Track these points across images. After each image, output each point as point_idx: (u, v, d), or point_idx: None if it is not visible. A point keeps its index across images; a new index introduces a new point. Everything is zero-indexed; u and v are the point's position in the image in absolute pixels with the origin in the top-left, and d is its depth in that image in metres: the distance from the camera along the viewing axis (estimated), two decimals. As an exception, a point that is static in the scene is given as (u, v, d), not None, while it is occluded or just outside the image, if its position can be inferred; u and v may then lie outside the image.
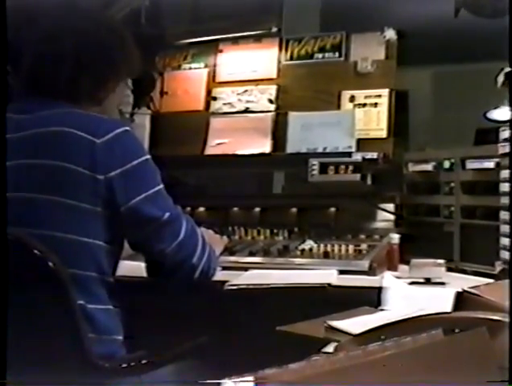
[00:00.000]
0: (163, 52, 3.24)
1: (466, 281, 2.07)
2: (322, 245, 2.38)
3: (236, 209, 2.87)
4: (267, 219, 2.81)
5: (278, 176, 3.29)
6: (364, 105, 2.89)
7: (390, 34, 2.94)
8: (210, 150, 3.00)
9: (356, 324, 1.55)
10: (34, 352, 1.51)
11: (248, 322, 2.07)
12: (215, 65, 3.18)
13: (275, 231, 2.62)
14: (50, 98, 1.72)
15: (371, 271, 2.18)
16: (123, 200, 1.65)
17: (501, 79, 2.31)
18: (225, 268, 2.16)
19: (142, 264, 1.86)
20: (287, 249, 2.40)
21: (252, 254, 2.37)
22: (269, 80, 3.07)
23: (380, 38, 2.95)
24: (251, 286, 2.05)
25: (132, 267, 1.97)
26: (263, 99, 3.03)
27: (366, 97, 2.90)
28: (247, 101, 3.05)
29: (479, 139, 3.39)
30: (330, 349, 1.42)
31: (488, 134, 2.48)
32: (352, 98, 2.91)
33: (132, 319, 1.77)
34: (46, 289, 1.53)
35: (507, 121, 2.19)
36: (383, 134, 2.84)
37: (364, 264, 2.20)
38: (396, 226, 2.68)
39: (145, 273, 1.87)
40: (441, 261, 2.13)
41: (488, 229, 2.24)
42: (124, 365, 1.63)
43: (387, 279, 2.02)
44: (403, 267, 2.27)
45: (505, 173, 2.15)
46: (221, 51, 3.19)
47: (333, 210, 2.75)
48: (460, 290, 1.81)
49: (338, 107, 2.93)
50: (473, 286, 1.85)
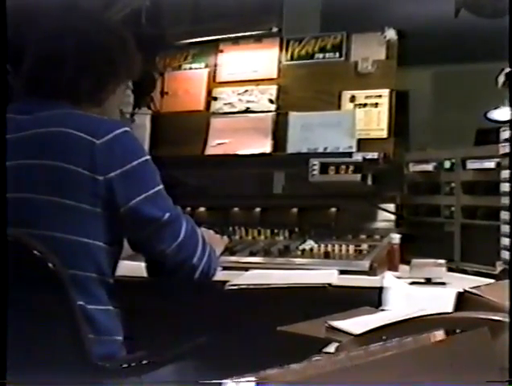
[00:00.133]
0: (164, 52, 3.24)
1: (467, 281, 2.07)
2: (323, 245, 2.38)
3: (236, 209, 2.87)
4: (268, 219, 2.81)
5: (278, 176, 3.29)
6: (364, 105, 2.88)
7: (391, 34, 2.93)
8: (210, 150, 3.00)
9: (357, 324, 1.55)
10: (34, 353, 1.51)
11: (249, 322, 2.07)
12: (215, 65, 3.17)
13: (276, 231, 2.62)
14: (50, 99, 1.72)
15: (372, 271, 2.18)
16: (123, 201, 1.65)
17: (501, 79, 2.31)
18: (226, 268, 2.16)
19: (143, 264, 1.86)
20: (288, 249, 2.40)
21: (252, 254, 2.37)
22: (269, 80, 3.07)
23: (380, 38, 2.95)
24: (252, 286, 2.05)
25: (132, 267, 1.97)
26: (264, 99, 3.02)
27: (367, 97, 2.89)
28: (248, 101, 3.04)
29: (480, 139, 3.39)
30: (331, 349, 1.41)
31: (488, 134, 2.48)
32: (352, 98, 2.91)
33: (132, 319, 1.77)
34: (46, 290, 1.53)
35: (508, 121, 2.18)
36: (384, 134, 2.83)
37: (364, 264, 2.20)
38: (397, 226, 2.67)
39: (145, 273, 1.87)
40: (442, 261, 2.13)
41: (488, 229, 2.24)
42: (124, 365, 1.63)
43: (388, 279, 2.02)
44: (404, 267, 2.27)
45: (505, 173, 2.14)
46: (222, 51, 3.18)
47: (334, 210, 2.75)
48: (461, 290, 1.81)
49: (339, 107, 2.93)
50: (474, 286, 1.85)
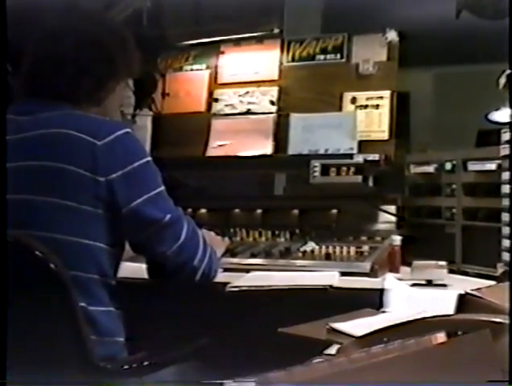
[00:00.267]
0: (165, 53, 3.24)
1: (468, 283, 2.07)
2: (324, 247, 2.38)
3: (237, 211, 2.87)
4: (269, 220, 2.81)
5: (279, 178, 3.29)
6: (365, 107, 2.88)
7: (392, 35, 2.93)
8: (211, 152, 3.00)
9: (358, 326, 1.55)
10: (35, 354, 1.51)
11: (250, 324, 2.07)
12: (216, 66, 3.18)
13: (277, 232, 2.62)
14: (50, 99, 1.72)
15: (373, 273, 2.18)
16: (124, 202, 1.65)
17: (502, 80, 2.30)
18: (227, 269, 2.16)
19: (144, 265, 1.86)
20: (289, 251, 2.40)
21: (253, 256, 2.37)
22: (270, 82, 3.07)
23: (382, 39, 2.95)
24: (253, 288, 2.05)
25: (133, 269, 1.97)
26: (265, 100, 3.02)
27: (368, 99, 2.89)
28: (249, 103, 3.04)
29: (481, 141, 3.39)
30: (332, 351, 1.42)
31: (489, 136, 2.47)
32: (353, 100, 2.91)
33: (134, 321, 1.77)
34: (47, 291, 1.53)
35: (509, 123, 2.18)
36: (385, 136, 2.83)
37: (365, 265, 2.20)
38: (398, 228, 2.67)
39: (146, 275, 1.87)
40: (443, 263, 2.13)
41: (489, 231, 2.24)
42: (126, 367, 1.63)
43: (389, 281, 2.02)
44: (405, 269, 2.27)
45: (506, 175, 2.14)
46: (223, 53, 3.18)
47: (335, 211, 2.74)
48: (463, 292, 1.81)
49: (340, 108, 2.92)
50: (475, 288, 1.85)
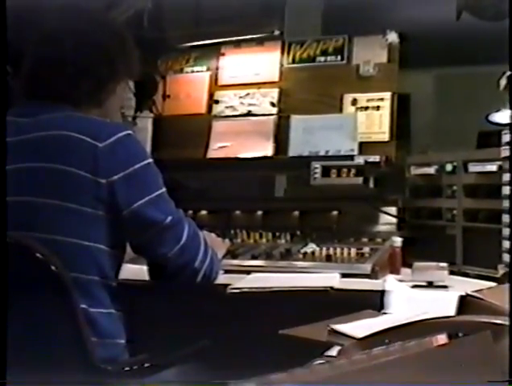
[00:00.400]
0: (166, 55, 3.24)
1: (469, 285, 2.07)
2: (324, 248, 2.38)
3: (238, 212, 2.87)
4: (269, 222, 2.81)
5: (280, 179, 3.29)
6: (366, 108, 2.88)
7: (392, 37, 2.93)
8: (212, 154, 3.00)
9: (359, 328, 1.55)
10: (36, 356, 1.51)
11: (250, 326, 2.07)
12: (217, 68, 3.18)
13: (277, 234, 2.62)
14: (51, 101, 1.72)
15: (373, 274, 2.17)
16: (125, 204, 1.65)
17: (503, 82, 2.30)
18: (228, 271, 2.17)
19: (145, 267, 1.86)
20: (290, 253, 2.40)
21: (254, 257, 2.37)
22: (271, 84, 3.06)
23: (382, 41, 2.95)
24: (254, 290, 2.05)
25: (134, 270, 1.97)
26: (265, 102, 3.02)
27: (368, 100, 2.89)
28: (249, 104, 3.04)
29: (481, 142, 3.40)
30: (333, 353, 1.41)
31: (490, 137, 2.48)
32: (354, 101, 2.91)
33: (135, 322, 1.77)
34: (48, 293, 1.53)
35: (509, 124, 2.18)
36: (385, 137, 2.83)
37: (366, 267, 2.20)
38: (398, 229, 2.67)
39: (147, 277, 1.87)
40: (444, 265, 2.13)
41: (490, 232, 2.24)
42: (127, 369, 1.63)
43: (390, 282, 2.02)
44: (406, 270, 2.27)
45: (507, 176, 2.14)
46: (224, 55, 3.18)
47: (335, 213, 2.74)
48: (463, 294, 1.81)
49: (340, 110, 2.92)
50: (476, 290, 1.85)
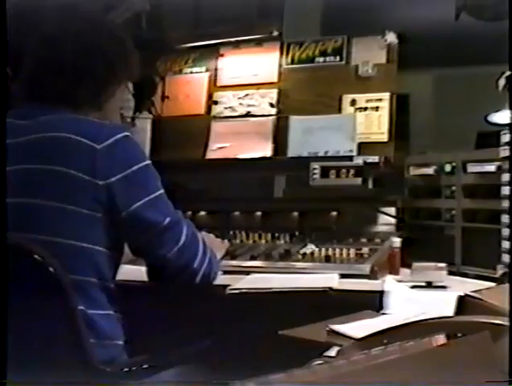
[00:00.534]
0: (165, 56, 3.24)
1: (468, 285, 2.07)
2: (323, 249, 2.38)
3: (237, 213, 2.87)
4: (269, 223, 2.81)
5: (279, 180, 3.28)
6: (365, 109, 2.88)
7: (391, 37, 2.93)
8: (211, 154, 3.00)
9: (358, 328, 1.54)
10: (34, 358, 1.51)
11: (250, 326, 2.06)
12: (216, 69, 3.18)
13: (277, 235, 2.62)
14: (50, 103, 1.72)
15: (373, 275, 2.17)
16: (124, 206, 1.65)
17: (502, 82, 2.30)
18: (227, 272, 2.17)
19: (143, 268, 1.86)
20: (289, 253, 2.39)
21: (253, 258, 2.37)
22: (270, 84, 3.06)
23: (381, 41, 2.95)
24: (253, 290, 2.05)
25: (133, 271, 1.97)
26: (264, 103, 3.02)
27: (367, 101, 2.89)
28: (248, 105, 3.04)
29: (480, 142, 3.40)
30: (332, 353, 1.42)
31: (489, 138, 2.47)
32: (353, 102, 2.91)
33: (133, 324, 1.76)
34: (46, 295, 1.53)
35: (508, 125, 2.18)
36: (384, 138, 2.83)
37: (365, 267, 2.20)
38: (397, 229, 2.67)
39: (146, 278, 1.87)
40: (443, 265, 2.13)
41: (489, 233, 2.24)
42: (125, 370, 1.63)
43: (389, 283, 2.02)
44: (405, 271, 2.27)
45: (506, 176, 2.14)
46: (222, 55, 3.18)
47: (335, 214, 2.74)
48: (462, 294, 1.81)
49: (339, 111, 2.92)
50: (475, 290, 1.85)
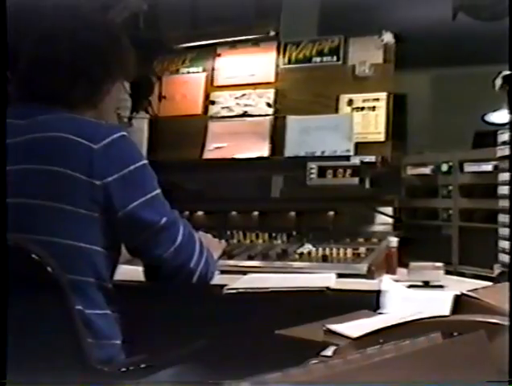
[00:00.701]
0: (162, 56, 3.24)
1: (464, 284, 2.07)
2: (320, 249, 2.38)
3: (234, 213, 2.87)
4: (266, 222, 2.81)
5: (276, 180, 3.29)
6: (362, 109, 2.88)
7: (388, 37, 2.93)
8: (208, 154, 3.00)
9: (354, 327, 1.54)
10: (32, 358, 1.51)
11: (247, 326, 2.07)
12: (213, 69, 3.18)
13: (274, 234, 2.62)
14: (46, 103, 1.72)
15: (370, 274, 2.18)
16: (120, 205, 1.65)
17: (499, 82, 2.30)
18: (224, 272, 2.17)
19: (140, 268, 1.86)
20: (286, 253, 2.40)
21: (250, 258, 2.37)
22: (267, 84, 3.06)
23: (378, 41, 2.95)
24: (250, 290, 2.05)
25: (130, 271, 1.97)
26: (261, 103, 3.02)
27: (364, 101, 2.89)
28: (245, 105, 3.04)
29: (477, 142, 3.39)
30: (329, 353, 1.42)
31: (486, 137, 2.48)
32: (350, 102, 2.91)
33: (131, 323, 1.77)
34: (44, 295, 1.53)
35: (505, 124, 2.18)
36: (381, 138, 2.83)
37: (362, 267, 2.20)
38: (394, 229, 2.68)
39: (143, 278, 1.87)
40: (440, 264, 2.13)
41: (486, 232, 2.24)
42: (123, 369, 1.63)
43: (386, 282, 2.02)
44: (402, 270, 2.27)
45: (503, 176, 2.14)
46: (219, 55, 3.18)
47: (332, 213, 2.74)
48: (459, 293, 1.81)
49: (336, 111, 2.92)
50: (472, 289, 1.85)
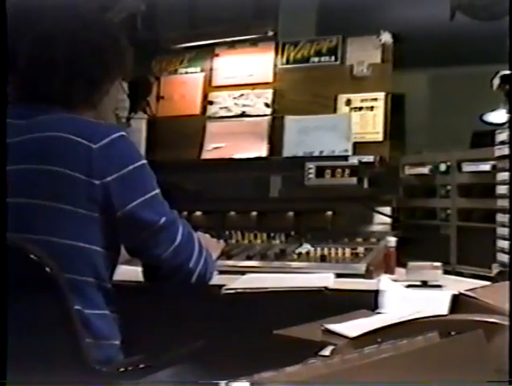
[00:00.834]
0: (160, 57, 3.24)
1: (463, 284, 2.07)
2: (319, 249, 2.38)
3: (233, 213, 2.87)
4: (264, 222, 2.81)
5: (274, 180, 3.29)
6: (360, 109, 2.89)
7: (386, 37, 2.94)
8: (206, 154, 3.00)
9: (353, 327, 1.55)
10: (31, 358, 1.51)
11: (245, 326, 2.07)
12: (211, 69, 3.18)
13: (272, 234, 2.62)
14: (45, 103, 1.72)
15: (368, 274, 2.18)
16: (119, 205, 1.65)
17: (496, 81, 2.31)
18: (222, 272, 2.17)
19: (139, 268, 1.86)
20: (284, 253, 2.40)
21: (249, 258, 2.37)
22: (265, 84, 3.07)
23: (376, 41, 2.95)
24: (248, 290, 2.05)
25: (129, 272, 1.97)
26: (259, 103, 3.03)
27: (362, 101, 2.90)
28: (243, 105, 3.05)
29: (475, 142, 3.40)
30: (327, 352, 1.42)
31: (484, 137, 2.48)
32: (348, 102, 2.91)
33: (130, 324, 1.77)
34: (43, 295, 1.53)
35: (503, 124, 2.19)
36: (379, 138, 2.83)
37: (361, 267, 2.20)
38: (393, 229, 2.68)
39: (142, 278, 1.87)
40: (438, 264, 2.13)
41: (484, 232, 2.24)
42: (122, 369, 1.63)
43: (384, 282, 2.03)
44: (400, 270, 2.27)
45: (501, 175, 2.15)
46: (218, 56, 3.19)
47: (330, 213, 2.74)
48: (457, 293, 1.81)
49: (334, 110, 2.93)
50: (470, 289, 1.85)
